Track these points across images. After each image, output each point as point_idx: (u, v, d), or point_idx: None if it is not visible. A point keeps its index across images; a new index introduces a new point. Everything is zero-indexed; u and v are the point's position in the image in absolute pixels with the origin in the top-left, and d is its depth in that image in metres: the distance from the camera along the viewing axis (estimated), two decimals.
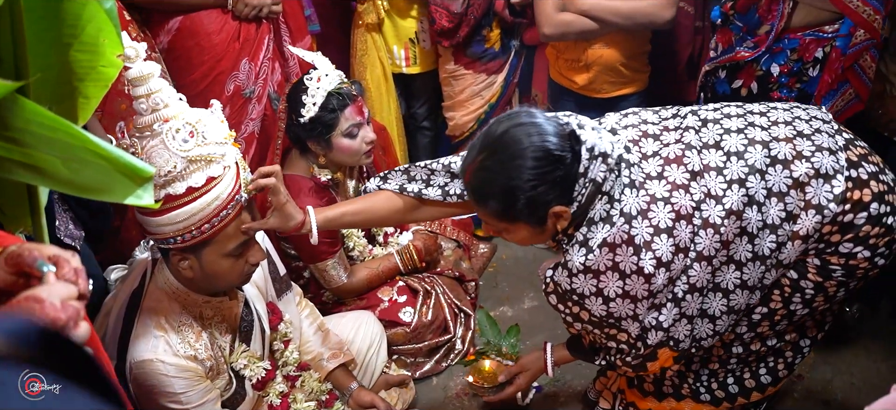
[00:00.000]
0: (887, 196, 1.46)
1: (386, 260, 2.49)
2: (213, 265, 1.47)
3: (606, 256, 1.43)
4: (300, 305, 2.07)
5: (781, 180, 1.44)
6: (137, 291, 1.56)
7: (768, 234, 1.45)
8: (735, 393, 1.81)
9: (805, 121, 1.52)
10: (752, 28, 2.04)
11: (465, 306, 2.56)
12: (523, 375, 2.01)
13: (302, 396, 1.90)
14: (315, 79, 2.09)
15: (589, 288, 1.48)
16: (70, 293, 0.72)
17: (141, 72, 1.31)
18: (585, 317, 1.57)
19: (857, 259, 1.48)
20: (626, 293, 1.45)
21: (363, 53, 2.92)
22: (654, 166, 1.46)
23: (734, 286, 1.50)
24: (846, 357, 2.40)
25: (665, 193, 1.43)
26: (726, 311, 1.53)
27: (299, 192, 2.21)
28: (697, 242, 1.43)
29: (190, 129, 1.36)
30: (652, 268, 1.41)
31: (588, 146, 1.36)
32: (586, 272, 1.46)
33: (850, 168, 1.45)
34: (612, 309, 1.49)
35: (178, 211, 1.36)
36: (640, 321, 1.50)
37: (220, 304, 1.61)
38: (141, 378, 1.48)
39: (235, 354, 1.66)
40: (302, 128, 2.13)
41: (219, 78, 2.17)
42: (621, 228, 1.41)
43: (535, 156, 1.34)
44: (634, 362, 1.62)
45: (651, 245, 1.41)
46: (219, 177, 1.39)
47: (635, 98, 2.68)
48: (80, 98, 1.03)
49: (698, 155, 1.46)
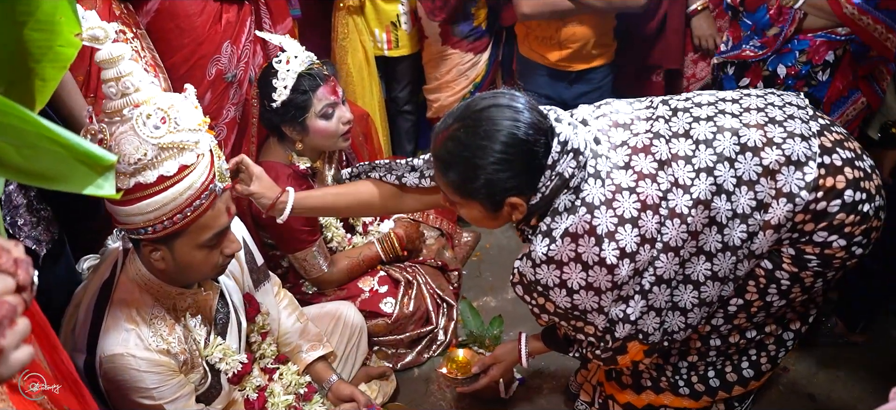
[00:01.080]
0: (863, 182, 1.43)
1: (366, 249, 2.44)
2: (186, 256, 1.42)
3: (569, 247, 1.42)
4: (278, 296, 2.02)
5: (751, 168, 1.41)
6: (108, 282, 1.51)
7: (739, 224, 1.43)
8: (715, 387, 1.79)
9: (778, 107, 1.49)
10: (760, 28, 1.99)
11: (447, 296, 2.52)
12: (497, 366, 2.01)
13: (280, 389, 1.86)
14: (284, 61, 2.05)
15: (552, 279, 1.47)
16: (5, 286, 0.66)
17: (110, 54, 1.24)
18: (551, 309, 1.56)
19: (832, 248, 1.46)
20: (590, 285, 1.44)
21: (344, 37, 2.87)
22: (622, 156, 1.44)
23: (705, 277, 1.48)
24: (831, 349, 2.40)
25: (631, 183, 1.41)
26: (698, 304, 1.50)
27: (277, 179, 2.14)
28: (664, 232, 1.41)
29: (162, 115, 1.29)
30: (614, 259, 1.40)
31: (561, 140, 1.37)
32: (549, 263, 1.45)
33: (824, 154, 1.43)
34: (577, 302, 1.48)
35: (149, 201, 1.30)
36: (605, 313, 1.49)
37: (195, 296, 1.56)
38: (111, 372, 1.43)
39: (210, 347, 1.61)
40: (275, 114, 2.09)
41: (200, 62, 2.10)
42: (583, 218, 1.40)
43: (504, 141, 1.33)
44: (604, 355, 1.60)
45: (614, 235, 1.39)
46: (192, 166, 1.33)
47: (605, 69, 2.74)
48: (36, 80, 0.96)
49: (667, 144, 1.44)
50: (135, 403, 1.46)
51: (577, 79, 2.71)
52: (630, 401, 1.89)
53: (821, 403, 2.22)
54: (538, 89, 2.75)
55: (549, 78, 2.72)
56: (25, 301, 0.67)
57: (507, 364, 2.00)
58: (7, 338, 0.64)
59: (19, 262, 0.68)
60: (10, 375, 0.65)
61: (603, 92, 2.76)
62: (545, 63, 2.70)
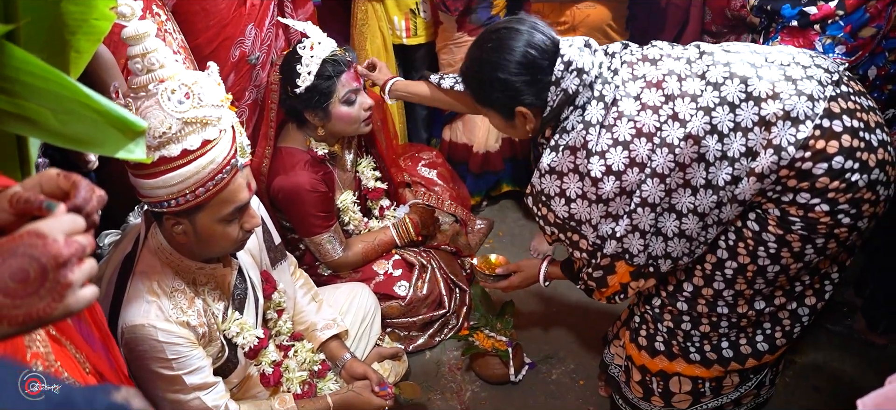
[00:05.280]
0: (862, 154, 1.44)
1: (382, 233, 2.47)
2: (207, 230, 1.45)
3: (568, 158, 1.59)
4: (294, 275, 2.06)
5: (750, 116, 1.47)
6: (130, 255, 1.54)
7: (726, 165, 1.49)
8: (728, 358, 1.83)
9: (802, 67, 1.51)
10: (856, 29, 1.93)
11: (460, 281, 2.55)
12: (518, 275, 2.14)
13: (294, 365, 1.89)
14: (308, 47, 2.06)
15: (553, 188, 1.64)
16: (76, 226, 0.70)
17: (136, 31, 1.27)
18: (552, 219, 1.70)
19: (815, 212, 1.48)
20: (584, 194, 1.60)
21: (363, 23, 2.89)
22: (637, 87, 1.56)
23: (687, 210, 1.56)
24: (838, 343, 2.41)
25: (633, 112, 1.53)
26: (678, 234, 1.59)
27: (295, 165, 2.18)
28: (653, 159, 1.51)
29: (186, 91, 1.32)
30: (600, 173, 1.54)
31: (565, 60, 1.55)
32: (551, 173, 1.63)
33: (825, 117, 1.44)
34: (573, 210, 1.63)
35: (172, 174, 1.33)
36: (595, 227, 1.63)
37: (214, 271, 1.60)
38: (132, 342, 1.46)
39: (228, 322, 1.65)
40: (299, 99, 2.10)
41: (224, 43, 2.14)
42: (580, 133, 1.56)
43: (514, 59, 1.55)
44: (596, 273, 1.73)
45: (605, 154, 1.53)
46: (214, 141, 1.36)
47: None
48: (72, 51, 1.01)
49: (679, 82, 1.53)
50: (154, 373, 1.50)
51: None
52: (645, 364, 1.94)
53: (826, 396, 2.23)
54: None
55: None
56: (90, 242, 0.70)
57: (527, 276, 2.12)
58: (75, 274, 0.68)
59: (94, 190, 0.73)
60: (77, 309, 0.69)
61: None
62: None
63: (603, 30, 2.60)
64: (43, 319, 0.67)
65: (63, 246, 0.67)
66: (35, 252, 0.65)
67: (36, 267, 0.65)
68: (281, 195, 2.19)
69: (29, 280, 0.65)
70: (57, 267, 0.66)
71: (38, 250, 0.66)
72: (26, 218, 0.71)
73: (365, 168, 2.47)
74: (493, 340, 2.29)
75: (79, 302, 0.69)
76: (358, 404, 1.92)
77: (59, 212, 0.70)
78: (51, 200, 0.71)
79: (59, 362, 0.94)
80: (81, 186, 0.74)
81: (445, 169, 3.01)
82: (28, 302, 0.65)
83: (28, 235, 0.66)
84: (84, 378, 1.00)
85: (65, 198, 0.74)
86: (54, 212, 0.70)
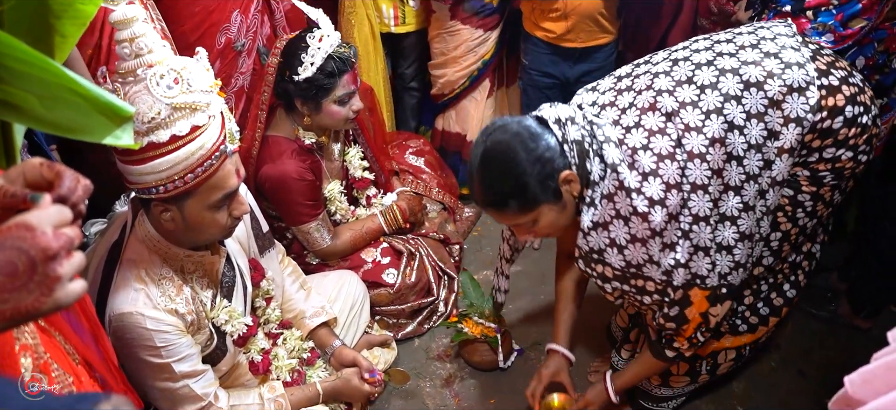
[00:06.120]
0: (859, 97, 1.56)
1: (370, 221, 2.47)
2: (196, 216, 1.45)
3: (608, 208, 1.52)
4: (282, 263, 2.06)
5: (758, 102, 1.51)
6: (118, 243, 1.53)
7: (754, 154, 1.52)
8: (766, 315, 1.91)
9: (770, 40, 1.60)
10: (846, 19, 1.92)
11: (448, 268, 2.56)
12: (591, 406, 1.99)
13: (283, 353, 1.89)
14: (317, 38, 2.04)
15: (602, 241, 1.56)
16: (63, 218, 0.68)
17: (125, 15, 1.27)
18: (610, 274, 1.62)
19: (842, 161, 1.59)
20: (634, 237, 1.52)
21: (350, 11, 2.87)
22: (632, 118, 1.54)
23: (738, 211, 1.54)
24: (823, 328, 2.44)
25: (644, 141, 1.50)
26: (739, 238, 1.55)
27: (281, 154, 2.17)
28: (688, 174, 1.49)
29: (175, 76, 1.32)
30: (645, 208, 1.48)
31: (553, 120, 1.49)
32: (596, 227, 1.55)
33: (821, 76, 1.54)
34: (628, 256, 1.55)
35: (161, 160, 1.33)
36: (657, 263, 1.54)
37: (202, 259, 1.59)
38: (120, 331, 1.46)
39: (217, 309, 1.65)
40: (295, 86, 2.09)
41: (210, 30, 2.12)
42: (612, 178, 1.50)
43: (522, 146, 1.45)
44: (672, 312, 1.61)
45: (642, 189, 1.48)
46: (204, 126, 1.36)
47: (609, 48, 2.73)
48: (57, 36, 0.99)
49: (671, 96, 1.53)
50: (143, 361, 1.49)
51: (581, 58, 2.70)
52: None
53: (811, 380, 2.26)
54: (542, 67, 2.76)
55: (553, 55, 2.71)
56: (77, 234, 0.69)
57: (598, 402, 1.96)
58: (64, 268, 0.66)
59: (79, 179, 0.71)
60: (67, 304, 0.68)
61: (606, 71, 2.73)
62: (549, 39, 2.68)
63: (594, 17, 2.59)
64: (32, 313, 0.66)
65: (52, 239, 0.65)
66: (23, 244, 0.64)
67: (25, 260, 0.64)
68: (268, 184, 2.19)
69: (18, 273, 0.64)
70: (46, 260, 0.65)
71: (26, 243, 0.64)
72: (12, 211, 0.69)
73: (353, 157, 2.46)
74: (482, 327, 2.30)
75: (68, 297, 0.68)
76: (347, 391, 1.93)
77: (45, 204, 0.68)
78: (35, 192, 0.69)
79: (48, 354, 0.93)
80: (65, 176, 0.73)
81: (433, 156, 3.00)
82: (17, 296, 0.64)
83: (16, 228, 0.65)
84: (73, 369, 0.99)
85: (49, 187, 0.73)
86: (40, 204, 0.68)
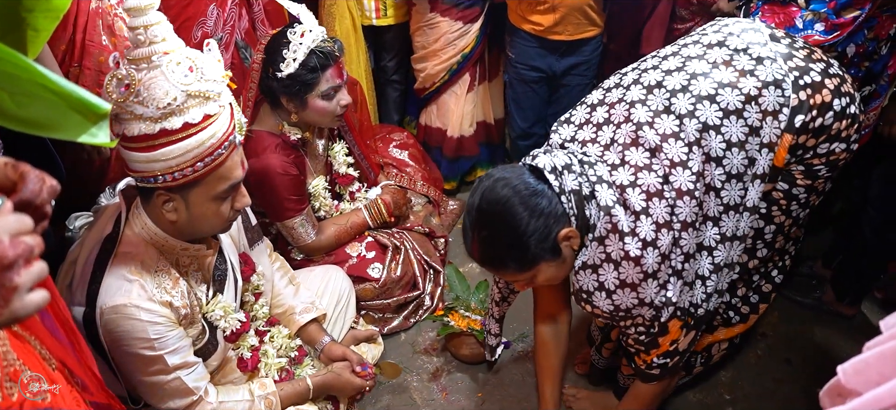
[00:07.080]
0: (842, 86, 1.54)
1: (354, 215, 2.45)
2: (200, 207, 1.44)
3: (598, 251, 1.47)
4: (271, 258, 2.05)
5: (734, 99, 1.47)
6: (111, 236, 1.50)
7: (735, 183, 1.51)
8: (756, 303, 1.93)
9: (736, 36, 1.57)
10: (839, 8, 1.91)
11: (434, 262, 2.55)
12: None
13: (272, 350, 1.88)
14: (298, 33, 2.01)
15: (591, 283, 1.52)
16: (23, 226, 0.65)
17: (139, 3, 1.27)
18: (598, 313, 1.59)
19: (836, 153, 1.58)
20: (623, 282, 1.48)
21: (332, 3, 2.85)
22: (615, 155, 1.49)
23: (715, 242, 1.53)
24: (808, 316, 2.47)
25: (631, 178, 1.46)
26: (713, 269, 1.56)
27: (265, 149, 2.15)
28: (678, 212, 1.45)
29: (190, 64, 1.33)
30: (638, 251, 1.43)
31: (548, 170, 1.44)
32: (584, 268, 1.51)
33: (802, 75, 1.52)
34: (617, 302, 1.52)
35: (173, 147, 1.33)
36: (649, 305, 1.51)
37: (197, 252, 1.58)
38: (112, 323, 1.43)
39: (212, 304, 1.64)
40: (278, 83, 2.06)
41: (186, 24, 2.09)
42: (604, 221, 1.45)
43: (522, 204, 1.40)
44: (647, 339, 1.63)
45: (635, 230, 1.44)
46: (215, 115, 1.37)
47: (596, 41, 2.72)
48: (29, 31, 0.96)
49: (651, 129, 1.48)
50: (135, 355, 1.47)
51: (568, 51, 2.69)
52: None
53: (797, 367, 2.28)
54: (529, 61, 2.74)
55: (540, 49, 2.70)
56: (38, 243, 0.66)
57: None
58: (22, 277, 0.64)
59: (44, 180, 0.69)
60: (25, 315, 0.65)
61: (592, 65, 2.76)
62: (536, 32, 2.66)
63: (583, 9, 2.58)
64: None
65: (8, 247, 0.62)
66: None
67: None
68: (252, 179, 2.16)
69: None
70: (1, 269, 0.62)
71: None
72: None
73: (337, 153, 2.44)
74: (468, 320, 2.29)
75: (25, 308, 0.64)
76: (338, 385, 1.92)
77: (5, 210, 0.65)
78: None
79: (20, 359, 0.90)
80: (30, 177, 0.70)
81: (417, 150, 2.99)
82: None
83: None
84: (49, 375, 0.97)
85: (12, 189, 0.70)
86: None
